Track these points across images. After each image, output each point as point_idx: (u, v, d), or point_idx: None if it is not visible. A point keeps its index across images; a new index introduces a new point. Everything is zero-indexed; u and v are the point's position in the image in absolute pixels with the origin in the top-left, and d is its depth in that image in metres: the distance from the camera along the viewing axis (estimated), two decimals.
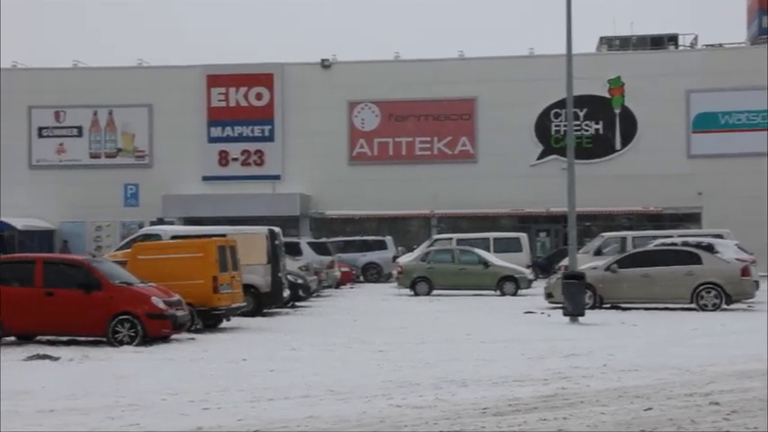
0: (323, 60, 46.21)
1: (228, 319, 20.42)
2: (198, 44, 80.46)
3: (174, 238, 23.50)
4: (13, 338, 17.32)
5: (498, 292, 29.91)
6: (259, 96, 45.68)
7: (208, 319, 19.68)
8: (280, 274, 23.50)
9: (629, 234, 32.89)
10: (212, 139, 45.67)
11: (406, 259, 33.49)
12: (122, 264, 19.43)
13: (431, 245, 35.56)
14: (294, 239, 34.72)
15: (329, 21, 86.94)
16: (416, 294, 30.12)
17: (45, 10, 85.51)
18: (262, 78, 45.68)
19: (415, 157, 45.54)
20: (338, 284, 34.11)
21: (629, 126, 44.29)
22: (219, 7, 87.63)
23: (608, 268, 24.06)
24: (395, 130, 45.59)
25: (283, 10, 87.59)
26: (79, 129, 45.87)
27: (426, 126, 45.42)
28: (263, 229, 23.97)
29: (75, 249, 41.88)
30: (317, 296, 29.35)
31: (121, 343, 16.69)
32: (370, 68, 45.96)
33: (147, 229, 28.49)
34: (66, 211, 45.09)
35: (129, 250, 21.89)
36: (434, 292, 30.23)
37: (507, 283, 30.15)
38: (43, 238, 43.98)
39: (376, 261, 39.20)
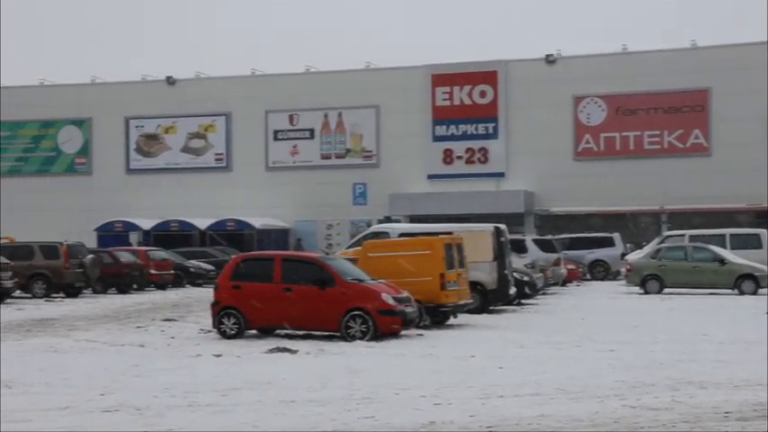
0: (547, 56, 45.70)
1: (455, 316, 20.59)
2: (422, 44, 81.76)
3: (401, 235, 23.96)
4: (254, 332, 18.28)
5: (736, 291, 28.43)
6: (483, 94, 45.80)
7: (435, 316, 19.92)
8: (506, 272, 23.43)
9: None
10: (437, 138, 46.26)
11: (635, 256, 32.50)
12: (353, 261, 20.05)
13: (661, 241, 34.27)
14: (519, 237, 34.50)
15: (553, 16, 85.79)
16: (647, 293, 29.17)
17: (276, 17, 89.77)
18: (485, 76, 45.78)
19: (643, 151, 44.13)
20: (564, 282, 33.61)
21: None
22: (443, 6, 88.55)
23: None
24: (622, 123, 44.37)
25: (507, 6, 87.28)
26: (311, 131, 47.82)
27: (656, 119, 43.88)
28: (489, 227, 23.99)
29: (308, 247, 43.69)
30: (543, 294, 29.04)
31: (354, 338, 17.18)
32: (596, 62, 44.99)
33: (376, 227, 29.28)
34: (300, 211, 47.17)
35: (359, 248, 22.54)
36: (666, 290, 29.15)
37: (746, 282, 28.58)
38: (279, 237, 46.24)
39: (603, 258, 38.31)
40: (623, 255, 36.07)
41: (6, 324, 21.03)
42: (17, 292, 29.42)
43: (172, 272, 35.58)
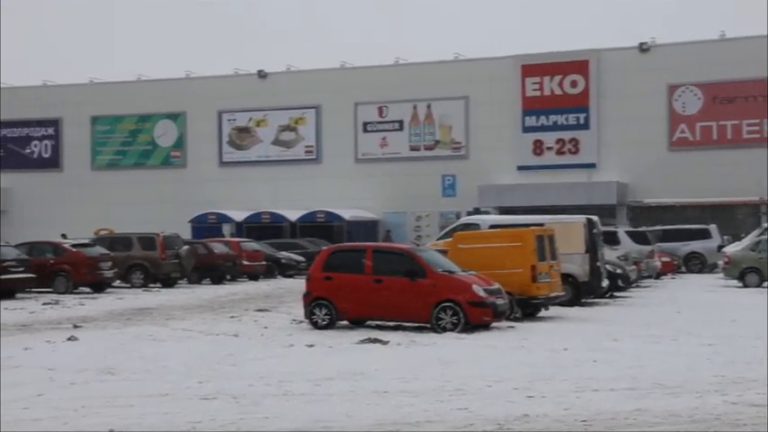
0: (641, 44, 44.81)
1: (547, 308, 20.41)
2: (511, 34, 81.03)
3: (492, 227, 23.81)
4: (345, 322, 18.42)
5: None
6: (574, 84, 45.17)
7: (526, 308, 19.77)
8: (598, 264, 23.09)
9: None
10: (527, 129, 45.83)
11: (733, 249, 31.62)
12: (444, 252, 20.02)
13: (761, 233, 33.27)
14: (612, 228, 33.93)
15: (647, 2, 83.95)
16: (745, 286, 28.38)
17: (365, 10, 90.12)
18: (577, 65, 45.14)
19: (741, 140, 42.93)
20: (658, 275, 32.95)
21: None
22: None
23: None
24: (719, 112, 43.22)
25: None
26: (400, 123, 47.89)
27: (755, 107, 42.61)
28: (581, 218, 23.66)
29: (397, 239, 43.78)
30: (637, 286, 28.54)
31: (444, 329, 17.17)
32: (691, 49, 43.92)
33: (466, 219, 29.16)
34: (389, 202, 47.33)
35: (449, 239, 22.50)
36: (765, 284, 28.30)
37: None
38: (368, 228, 46.47)
39: (699, 251, 37.40)
40: (720, 247, 35.15)
41: (108, 313, 21.69)
42: (116, 282, 30.31)
43: (264, 263, 36.12)
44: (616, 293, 25.48)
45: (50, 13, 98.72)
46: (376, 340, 15.83)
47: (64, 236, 37.90)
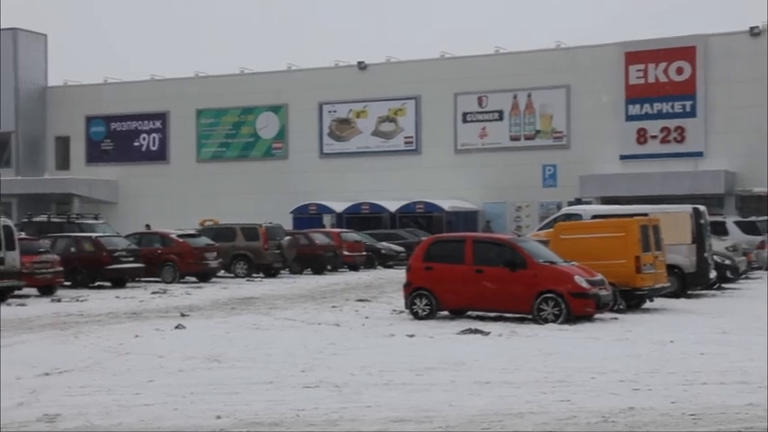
0: (752, 28, 43.31)
1: (651, 300, 20.00)
2: (614, 20, 79.40)
3: (594, 217, 23.45)
4: (445, 313, 18.41)
5: None
6: (680, 71, 43.98)
7: (630, 300, 19.43)
8: (705, 255, 22.51)
9: None
10: (630, 117, 44.87)
11: None
12: (545, 243, 19.81)
13: None
14: (719, 218, 33.00)
15: None
16: None
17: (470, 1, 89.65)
18: (683, 52, 43.93)
19: None
20: None
21: None
22: None
23: None
24: None
25: None
26: (500, 113, 47.49)
27: None
28: (687, 208, 23.11)
29: (497, 229, 43.52)
30: (746, 278, 27.69)
31: (546, 321, 17.01)
32: None
33: (568, 209, 28.79)
34: (489, 193, 47.05)
35: (551, 230, 22.26)
36: None
37: None
38: (468, 219, 46.31)
39: None
40: None
41: (213, 302, 22.21)
42: (221, 272, 30.99)
43: (364, 253, 36.39)
44: (724, 285, 24.80)
45: (157, 9, 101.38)
46: (477, 331, 15.79)
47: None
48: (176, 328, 16.42)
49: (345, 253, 35.23)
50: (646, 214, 21.57)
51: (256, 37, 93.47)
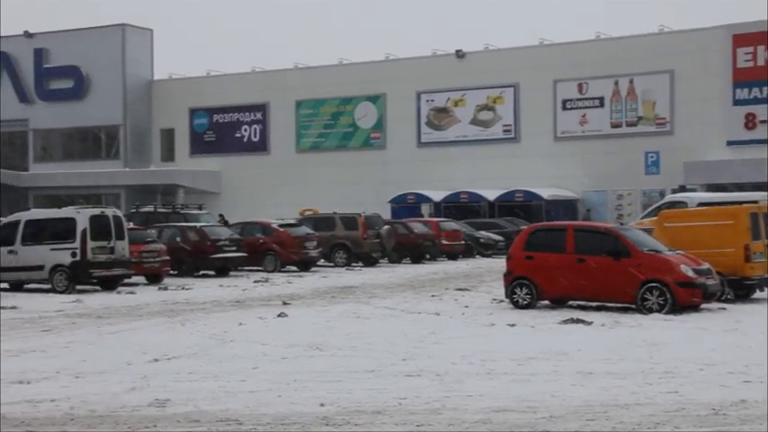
0: None
1: (762, 290, 19.39)
2: (721, 2, 76.99)
3: (700, 205, 22.86)
4: (546, 302, 18.22)
5: None
6: None
7: (739, 289, 18.87)
8: None
9: None
10: (737, 102, 43.49)
11: None
12: (649, 231, 19.41)
13: None
14: None
15: None
16: None
17: None
18: None
19: None
20: None
21: None
22: None
23: None
24: None
25: None
26: (601, 99, 46.64)
27: None
28: None
29: (598, 218, 42.82)
30: None
31: (650, 310, 16.66)
32: None
33: (672, 197, 28.16)
34: (589, 181, 46.32)
35: (654, 218, 21.79)
36: None
37: None
38: (567, 207, 45.68)
39: None
40: None
41: (314, 290, 22.48)
42: (321, 261, 31.33)
43: (462, 242, 36.28)
44: None
45: (256, 3, 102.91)
46: (579, 320, 15.58)
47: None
48: (278, 316, 16.67)
49: (444, 242, 35.18)
50: (755, 201, 20.90)
51: (354, 27, 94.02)
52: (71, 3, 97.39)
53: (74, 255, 22.48)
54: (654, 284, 16.77)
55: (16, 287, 23.32)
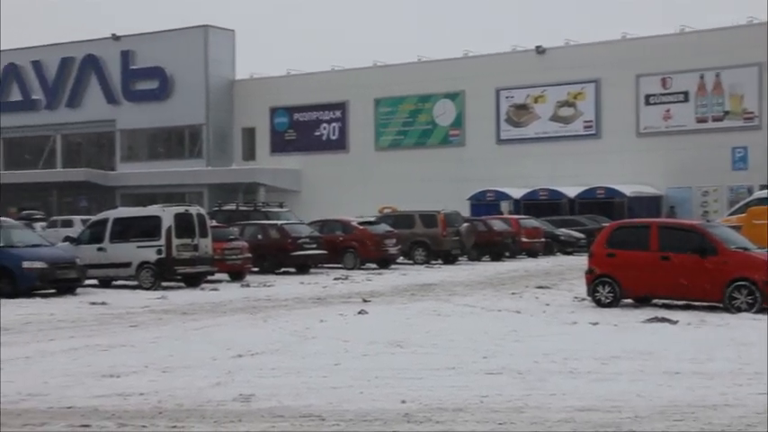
0: None
1: None
2: None
3: None
4: (629, 301, 17.93)
5: None
6: None
7: None
8: None
9: None
10: None
11: None
12: (737, 229, 18.96)
13: None
14: None
15: None
16: None
17: None
18: None
19: None
20: None
21: None
22: None
23: None
24: None
25: None
26: (685, 94, 45.68)
27: None
28: None
29: (682, 215, 41.96)
30: None
31: (738, 310, 16.26)
32: None
33: (761, 193, 27.44)
34: (673, 177, 45.41)
35: (742, 215, 21.28)
36: None
37: None
38: (650, 204, 44.87)
39: None
40: None
41: (393, 288, 22.54)
42: (400, 259, 31.39)
43: (543, 240, 35.96)
44: None
45: (336, 2, 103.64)
46: (663, 319, 15.30)
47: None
48: (359, 313, 16.75)
49: (524, 239, 34.93)
50: None
51: (433, 25, 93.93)
52: (156, 5, 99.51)
53: (159, 252, 22.94)
54: (742, 283, 16.37)
55: (104, 283, 23.91)
